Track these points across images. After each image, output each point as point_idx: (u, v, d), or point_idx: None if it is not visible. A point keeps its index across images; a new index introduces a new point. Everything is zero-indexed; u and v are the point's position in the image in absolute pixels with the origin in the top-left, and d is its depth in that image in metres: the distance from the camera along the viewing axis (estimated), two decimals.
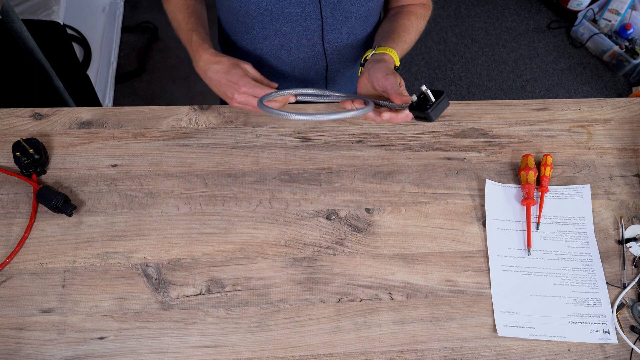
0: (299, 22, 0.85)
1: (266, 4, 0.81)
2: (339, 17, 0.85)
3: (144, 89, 2.07)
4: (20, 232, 0.80)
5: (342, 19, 0.85)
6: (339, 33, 0.89)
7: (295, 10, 0.82)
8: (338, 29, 0.88)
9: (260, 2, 0.81)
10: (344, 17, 0.85)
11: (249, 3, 0.82)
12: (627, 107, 1.01)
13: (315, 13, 0.83)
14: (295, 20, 0.85)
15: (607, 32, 2.25)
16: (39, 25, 1.55)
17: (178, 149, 0.89)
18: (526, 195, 0.87)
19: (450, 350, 0.77)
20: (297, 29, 0.86)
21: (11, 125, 0.89)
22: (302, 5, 0.82)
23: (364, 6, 0.85)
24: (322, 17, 0.84)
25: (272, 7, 0.81)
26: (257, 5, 0.82)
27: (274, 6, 0.81)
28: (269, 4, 0.81)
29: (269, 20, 0.85)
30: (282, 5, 0.81)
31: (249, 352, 0.75)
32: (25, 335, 0.73)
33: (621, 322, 0.80)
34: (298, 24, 0.85)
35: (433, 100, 0.67)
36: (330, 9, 0.83)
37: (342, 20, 0.86)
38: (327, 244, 0.83)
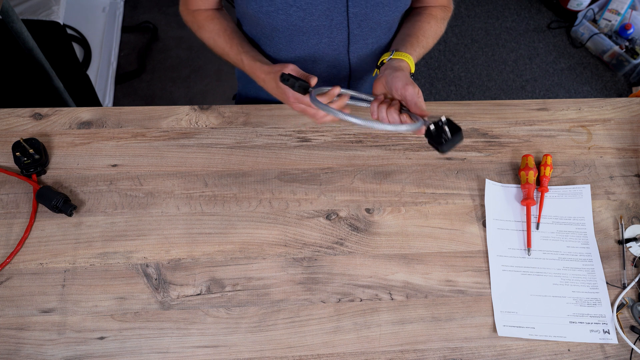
0: (325, 34, 0.85)
1: (295, 19, 0.80)
2: (365, 28, 0.85)
3: (144, 89, 2.07)
4: (20, 232, 0.80)
5: (369, 29, 0.86)
6: (364, 43, 0.89)
7: (323, 23, 0.82)
8: (364, 39, 0.88)
9: (289, 18, 0.80)
10: (370, 28, 0.85)
11: (278, 19, 0.81)
12: (627, 107, 1.01)
13: (342, 25, 0.83)
14: (322, 33, 0.84)
15: (607, 32, 2.25)
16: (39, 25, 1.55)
17: (178, 149, 0.89)
18: (526, 195, 0.87)
19: (450, 350, 0.77)
20: (324, 40, 0.86)
21: (11, 125, 0.89)
22: (329, 18, 0.81)
23: (390, 16, 0.84)
24: (349, 28, 0.84)
25: (301, 22, 0.81)
26: (285, 21, 0.81)
27: (303, 21, 0.81)
28: (298, 20, 0.80)
29: (296, 34, 0.84)
30: (310, 20, 0.81)
31: (249, 352, 0.75)
32: (25, 335, 0.73)
33: (621, 322, 0.80)
34: (325, 36, 0.85)
35: (449, 135, 0.69)
36: (358, 20, 0.83)
37: (368, 31, 0.86)
38: (327, 244, 0.83)
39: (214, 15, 0.89)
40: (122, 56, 2.13)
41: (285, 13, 0.79)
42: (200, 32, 0.90)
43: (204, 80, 2.11)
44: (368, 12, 0.81)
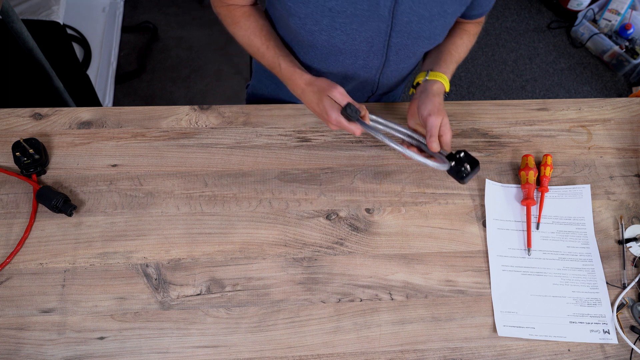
0: (362, 57, 0.85)
1: (337, 42, 0.80)
2: (402, 56, 0.86)
3: (144, 89, 2.07)
4: (20, 232, 0.80)
5: (404, 57, 0.86)
6: (396, 68, 0.90)
7: (363, 48, 0.82)
8: (397, 64, 0.89)
9: (332, 40, 0.80)
10: (406, 56, 0.86)
11: (319, 40, 0.80)
12: (627, 107, 1.01)
13: (380, 51, 0.84)
14: (359, 55, 0.85)
15: (607, 32, 2.25)
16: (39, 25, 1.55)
17: (178, 149, 0.89)
18: (526, 195, 0.87)
19: (450, 350, 0.77)
20: (359, 62, 0.86)
21: (11, 125, 0.89)
22: (370, 44, 0.81)
23: (427, 47, 0.85)
24: (386, 55, 0.85)
25: (342, 45, 0.81)
26: (327, 42, 0.81)
27: (344, 44, 0.81)
28: (339, 42, 0.80)
29: (334, 54, 0.84)
30: (351, 44, 0.81)
31: (249, 352, 0.75)
32: (25, 336, 0.73)
33: (621, 322, 0.80)
34: (361, 59, 0.85)
35: (469, 169, 0.79)
36: (396, 49, 0.83)
37: (403, 59, 0.87)
38: (327, 244, 0.83)
39: (251, 12, 0.86)
40: (122, 56, 2.13)
41: (328, 35, 0.79)
42: (233, 27, 0.88)
43: (204, 80, 2.11)
44: (408, 43, 0.81)
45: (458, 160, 0.79)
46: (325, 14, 0.75)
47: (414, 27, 0.77)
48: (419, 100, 0.81)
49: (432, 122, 0.77)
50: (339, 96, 0.76)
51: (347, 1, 0.73)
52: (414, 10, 0.75)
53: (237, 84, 2.11)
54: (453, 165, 0.79)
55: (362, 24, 0.76)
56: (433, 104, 0.79)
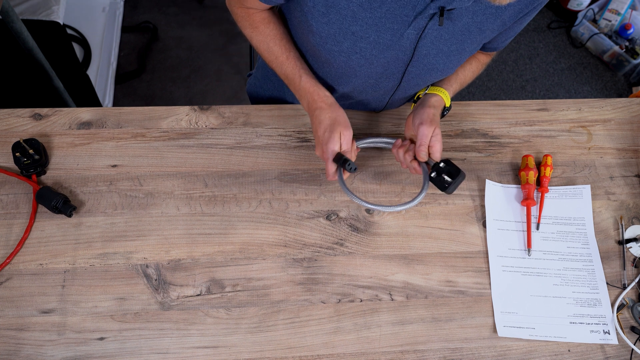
0: (374, 79, 0.85)
1: (354, 64, 0.80)
2: (412, 83, 0.86)
3: (144, 89, 2.07)
4: (20, 233, 0.80)
5: (415, 85, 0.87)
6: (405, 93, 0.90)
7: (378, 71, 0.82)
8: (406, 90, 0.89)
9: (349, 62, 0.79)
10: (416, 84, 0.86)
11: (337, 60, 0.80)
12: (627, 108, 1.00)
13: (394, 77, 0.84)
14: (372, 78, 0.85)
15: (607, 32, 2.25)
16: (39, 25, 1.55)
17: (178, 150, 0.89)
18: (526, 195, 0.87)
19: (450, 350, 0.77)
20: (370, 81, 0.86)
21: (11, 125, 0.89)
22: (385, 68, 0.81)
23: (438, 78, 0.86)
24: (400, 81, 0.85)
25: (359, 67, 0.80)
26: (344, 63, 0.80)
27: (360, 67, 0.80)
28: (357, 65, 0.80)
29: (347, 74, 0.84)
30: (368, 67, 0.80)
31: (249, 352, 0.75)
32: (25, 336, 0.73)
33: (621, 323, 0.80)
34: (373, 80, 0.85)
35: (449, 179, 0.79)
36: (409, 77, 0.84)
37: (414, 86, 0.87)
38: (327, 245, 0.83)
39: (270, 18, 0.85)
40: (122, 56, 2.13)
41: (347, 57, 0.78)
42: (251, 31, 0.86)
43: (204, 80, 2.11)
44: (421, 73, 0.82)
45: (440, 170, 0.79)
46: (348, 37, 0.74)
47: (431, 59, 0.78)
48: (414, 112, 0.83)
49: (422, 131, 0.79)
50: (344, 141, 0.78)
51: (372, 28, 0.72)
52: (435, 45, 0.75)
53: (237, 84, 2.11)
54: (435, 176, 0.80)
55: (382, 51, 0.76)
56: (427, 114, 0.81)
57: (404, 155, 0.82)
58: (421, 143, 0.79)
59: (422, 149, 0.79)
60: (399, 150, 0.83)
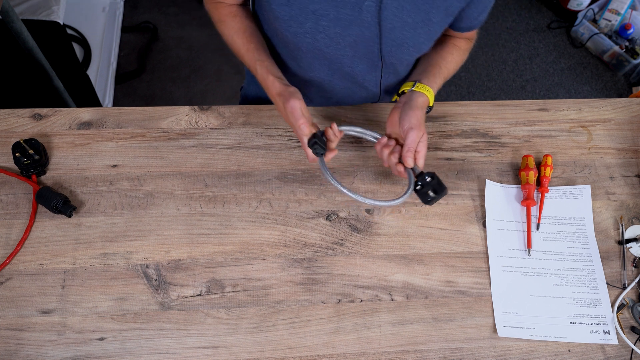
0: (347, 63, 0.85)
1: (321, 45, 0.80)
2: (387, 62, 0.85)
3: (144, 89, 2.07)
4: (20, 233, 0.80)
5: (389, 64, 0.86)
6: (392, 77, 0.90)
7: (347, 53, 0.82)
8: (389, 74, 0.88)
9: (316, 43, 0.80)
10: (390, 64, 0.86)
11: (304, 42, 0.80)
12: (627, 108, 1.00)
13: (368, 58, 0.83)
14: (344, 61, 0.85)
15: (607, 32, 2.25)
16: (39, 25, 1.55)
17: (178, 150, 0.89)
18: (526, 195, 0.87)
19: (450, 350, 0.77)
20: (345, 68, 0.86)
21: (11, 125, 0.89)
22: (354, 49, 0.81)
23: (414, 56, 0.85)
24: (382, 63, 0.84)
25: (326, 48, 0.80)
26: (311, 45, 0.81)
27: (328, 48, 0.80)
28: (324, 46, 0.80)
29: (319, 57, 0.84)
30: (336, 49, 0.80)
31: (249, 352, 0.75)
32: (25, 336, 0.73)
33: (621, 323, 0.80)
34: (346, 65, 0.85)
35: (433, 196, 0.79)
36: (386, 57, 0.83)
37: (387, 66, 0.87)
38: (327, 245, 0.83)
39: (237, 12, 0.86)
40: (122, 56, 2.13)
41: (312, 38, 0.79)
42: (220, 25, 0.88)
43: (204, 80, 2.11)
44: (393, 50, 0.81)
45: (425, 183, 0.79)
46: (309, 17, 0.75)
47: (397, 34, 0.77)
48: (402, 112, 0.80)
49: (412, 137, 0.77)
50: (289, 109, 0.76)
51: (330, 5, 0.72)
52: (398, 17, 0.74)
53: (237, 84, 2.11)
54: (420, 187, 0.80)
55: (345, 28, 0.76)
56: (416, 118, 0.79)
57: (388, 155, 0.81)
58: (409, 149, 0.78)
59: (409, 155, 0.78)
60: (384, 149, 0.81)
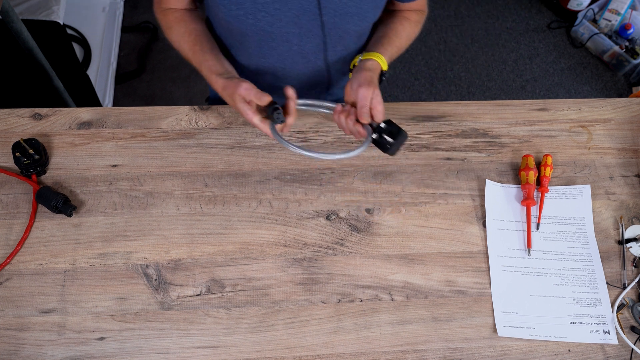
0: (295, 41, 0.84)
1: (264, 25, 0.80)
2: (334, 36, 0.85)
3: (144, 89, 2.07)
4: (20, 233, 0.80)
5: (337, 38, 0.86)
6: (333, 51, 0.89)
7: (292, 30, 0.82)
8: (332, 47, 0.88)
9: (258, 23, 0.80)
10: (339, 37, 0.85)
11: (247, 24, 0.81)
12: (627, 107, 1.01)
13: (311, 32, 0.83)
14: (292, 40, 0.84)
15: (607, 32, 2.25)
16: (39, 25, 1.55)
17: (178, 150, 0.89)
18: (526, 195, 0.87)
19: (450, 350, 0.77)
20: (294, 48, 0.86)
21: (11, 125, 0.89)
22: (299, 25, 0.81)
23: (359, 26, 0.85)
24: (324, 37, 0.84)
25: (270, 27, 0.81)
26: (254, 26, 0.81)
27: (272, 27, 0.80)
28: (267, 25, 0.80)
29: (265, 40, 0.84)
30: (279, 26, 0.80)
31: (249, 352, 0.75)
32: (25, 336, 0.73)
33: (621, 323, 0.80)
34: (294, 44, 0.85)
35: (391, 140, 0.76)
36: (327, 29, 0.83)
37: (336, 39, 0.86)
38: (327, 245, 0.83)
39: (184, 16, 0.87)
40: (122, 56, 2.13)
41: (254, 18, 0.79)
42: (168, 32, 0.88)
43: (204, 81, 2.09)
44: (337, 21, 0.81)
45: (381, 131, 0.77)
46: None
47: (337, 2, 0.77)
48: (352, 77, 0.80)
49: (362, 93, 0.76)
50: (243, 92, 0.75)
51: None
52: None
53: None
54: (377, 137, 0.77)
55: (284, 3, 0.76)
56: (364, 77, 0.78)
57: (345, 120, 0.79)
58: (362, 105, 0.77)
59: (363, 110, 0.77)
60: (340, 115, 0.80)
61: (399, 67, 2.20)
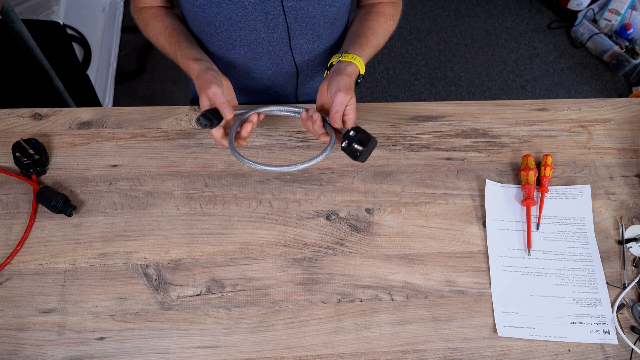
0: (262, 29, 0.84)
1: (228, 12, 0.80)
2: (302, 22, 0.84)
3: (144, 89, 2.07)
4: (20, 233, 0.80)
5: (306, 24, 0.85)
6: (304, 39, 0.88)
7: (258, 18, 0.82)
8: (303, 34, 0.87)
9: (223, 12, 0.80)
10: (307, 23, 0.85)
11: (212, 13, 0.81)
12: (627, 107, 1.01)
13: (278, 20, 0.83)
14: (259, 28, 0.84)
15: (607, 32, 2.25)
16: (39, 25, 1.55)
17: (178, 150, 0.89)
18: (526, 195, 0.87)
19: (450, 350, 0.77)
20: (262, 36, 0.85)
21: (11, 125, 0.89)
22: (264, 12, 0.81)
23: (327, 11, 0.84)
24: (287, 23, 0.83)
25: (235, 15, 0.80)
26: (219, 15, 0.81)
27: (237, 15, 0.80)
28: (232, 13, 0.80)
29: (232, 29, 0.84)
30: (244, 14, 0.80)
31: (249, 352, 0.75)
32: (25, 336, 0.73)
33: (621, 323, 0.80)
34: (262, 32, 0.85)
35: (360, 148, 0.75)
36: (293, 14, 0.82)
37: (306, 26, 0.85)
38: (327, 245, 0.83)
39: (159, 13, 0.87)
40: (122, 56, 2.13)
41: (218, 6, 0.79)
42: (145, 30, 0.88)
43: None
44: (302, 5, 0.80)
45: (350, 138, 0.76)
46: None
47: None
48: (329, 79, 0.78)
49: (339, 99, 0.75)
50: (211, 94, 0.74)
51: None
52: None
53: None
54: (346, 145, 0.76)
55: None
56: (344, 82, 0.77)
57: (313, 126, 0.78)
58: (337, 110, 0.75)
59: (337, 116, 0.76)
60: (307, 122, 0.79)
61: (399, 67, 2.20)
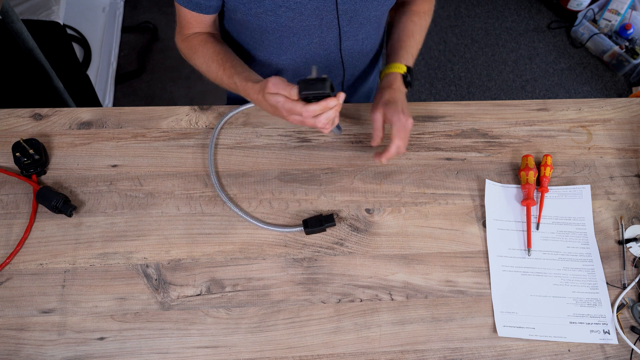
0: (316, 34, 0.84)
1: (284, 20, 0.79)
2: (355, 24, 0.85)
3: (144, 89, 2.07)
4: (20, 233, 0.80)
5: (358, 25, 0.86)
6: (354, 40, 0.89)
7: (313, 23, 0.81)
8: (354, 36, 0.88)
9: (279, 19, 0.79)
10: (359, 24, 0.85)
11: (267, 21, 0.80)
12: (627, 107, 1.01)
13: (332, 23, 0.83)
14: (313, 33, 0.84)
15: (607, 32, 2.25)
16: (39, 25, 1.55)
17: (178, 149, 0.89)
18: (526, 195, 0.87)
19: (450, 350, 0.77)
20: (315, 40, 0.86)
21: (11, 125, 0.89)
22: (319, 17, 0.81)
23: (379, 10, 0.85)
24: (339, 26, 0.84)
25: (291, 22, 0.80)
26: (275, 22, 0.80)
27: (292, 22, 0.80)
28: (287, 20, 0.80)
29: (286, 35, 0.83)
30: (300, 20, 0.80)
31: (249, 352, 0.75)
32: (25, 336, 0.73)
33: (621, 323, 0.80)
34: (316, 36, 0.85)
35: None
36: (348, 17, 0.83)
37: (358, 27, 0.86)
38: (327, 244, 0.83)
39: (208, 39, 0.86)
40: (122, 56, 2.13)
41: (274, 14, 0.78)
42: (193, 57, 0.86)
43: (204, 80, 2.09)
44: (357, 7, 0.80)
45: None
46: None
47: None
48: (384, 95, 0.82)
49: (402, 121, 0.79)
50: (272, 87, 0.69)
51: None
52: None
53: None
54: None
55: None
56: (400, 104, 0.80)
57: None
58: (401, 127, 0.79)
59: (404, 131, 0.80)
60: None
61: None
